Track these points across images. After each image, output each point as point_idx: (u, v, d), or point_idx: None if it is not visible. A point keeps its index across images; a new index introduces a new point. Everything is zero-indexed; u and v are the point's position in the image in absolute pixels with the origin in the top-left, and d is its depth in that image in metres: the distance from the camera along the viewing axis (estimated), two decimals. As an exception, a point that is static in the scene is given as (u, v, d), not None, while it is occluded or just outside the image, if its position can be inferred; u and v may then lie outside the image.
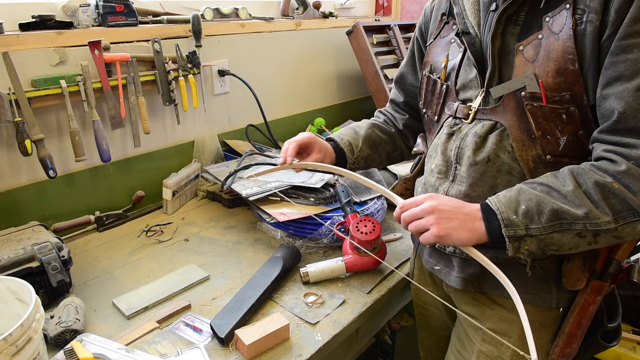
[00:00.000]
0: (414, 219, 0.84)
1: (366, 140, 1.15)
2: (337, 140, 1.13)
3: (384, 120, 1.23)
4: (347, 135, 1.15)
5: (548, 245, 0.76)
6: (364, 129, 1.17)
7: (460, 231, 0.80)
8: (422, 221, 0.83)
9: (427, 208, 0.82)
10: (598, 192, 0.73)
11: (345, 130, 1.17)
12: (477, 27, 0.90)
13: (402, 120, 1.20)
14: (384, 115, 1.24)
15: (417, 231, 0.84)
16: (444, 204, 0.82)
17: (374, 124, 1.20)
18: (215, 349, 0.93)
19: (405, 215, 0.85)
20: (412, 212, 0.84)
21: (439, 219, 0.81)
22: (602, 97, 0.75)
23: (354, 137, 1.15)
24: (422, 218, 0.83)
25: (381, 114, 1.25)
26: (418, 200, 0.85)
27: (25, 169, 1.29)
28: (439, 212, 0.81)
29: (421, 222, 0.83)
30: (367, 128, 1.17)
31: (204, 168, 1.63)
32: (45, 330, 0.91)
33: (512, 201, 0.78)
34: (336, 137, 1.15)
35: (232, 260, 1.24)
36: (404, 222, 0.86)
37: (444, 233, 0.80)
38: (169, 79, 1.46)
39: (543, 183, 0.78)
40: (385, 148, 1.18)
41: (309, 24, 2.01)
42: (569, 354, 0.92)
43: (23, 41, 1.20)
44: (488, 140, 0.86)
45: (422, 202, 0.84)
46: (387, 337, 1.70)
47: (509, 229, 0.77)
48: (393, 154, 1.20)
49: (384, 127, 1.20)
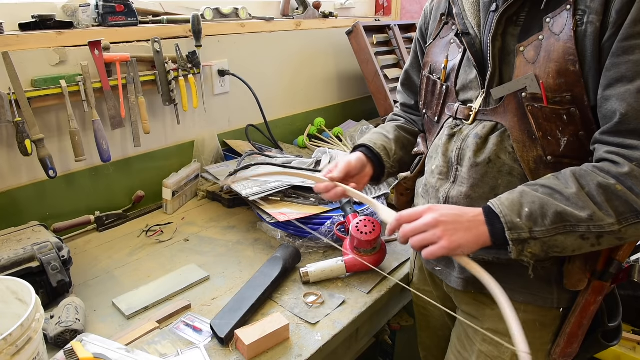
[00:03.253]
0: (416, 233, 0.80)
1: (397, 143, 1.11)
2: (370, 146, 1.08)
3: (406, 121, 1.19)
4: (379, 140, 1.10)
5: (551, 248, 0.76)
6: (392, 132, 1.13)
7: (469, 240, 0.78)
8: (427, 235, 0.79)
9: (431, 221, 0.79)
10: (601, 194, 0.73)
11: (374, 136, 1.12)
12: (477, 27, 0.90)
13: (420, 121, 1.17)
14: (402, 117, 1.20)
15: (422, 245, 0.80)
16: (446, 214, 0.79)
17: (398, 126, 1.16)
18: (215, 349, 0.93)
19: (406, 229, 0.81)
20: (414, 227, 0.81)
21: (445, 232, 0.78)
22: (604, 99, 0.75)
23: (386, 141, 1.10)
24: (425, 232, 0.79)
25: (399, 117, 1.21)
26: (417, 212, 0.82)
27: (25, 169, 1.29)
28: (445, 224, 0.78)
29: (426, 235, 0.79)
30: (395, 131, 1.13)
31: (204, 168, 1.63)
32: (45, 330, 0.91)
33: (515, 204, 0.77)
34: (368, 142, 1.09)
35: (232, 260, 1.24)
36: (404, 236, 0.82)
37: (455, 245, 0.77)
38: (169, 79, 1.46)
39: (545, 185, 0.77)
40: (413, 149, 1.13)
41: (309, 24, 2.01)
42: (570, 353, 0.92)
43: (23, 41, 1.20)
44: (489, 141, 0.86)
45: (422, 214, 0.81)
46: (387, 337, 1.70)
47: (512, 232, 0.75)
48: None
49: (408, 127, 1.16)
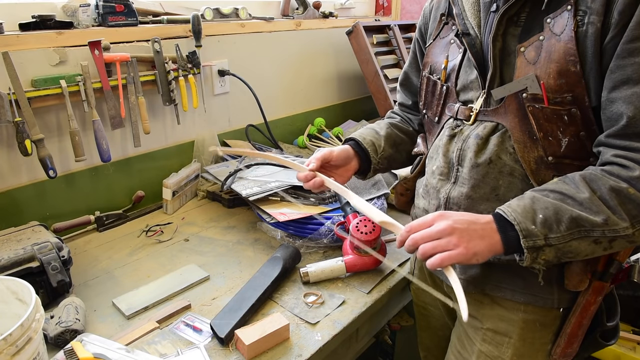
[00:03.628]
0: (428, 240, 0.77)
1: (387, 140, 1.11)
2: (359, 140, 1.08)
3: (401, 119, 1.19)
4: (369, 135, 1.10)
5: (565, 254, 0.75)
6: (384, 128, 1.13)
7: (483, 249, 0.76)
8: (442, 242, 0.76)
9: (446, 228, 0.76)
10: (614, 198, 0.72)
11: (365, 130, 1.13)
12: (477, 28, 0.90)
13: (417, 121, 1.17)
14: (399, 115, 1.21)
15: (435, 253, 0.76)
16: (460, 220, 0.77)
17: (392, 123, 1.16)
18: (215, 349, 0.93)
19: (418, 236, 0.78)
20: (426, 233, 0.78)
21: (461, 239, 0.75)
22: (609, 101, 0.75)
23: (376, 137, 1.10)
24: (439, 239, 0.77)
25: (396, 114, 1.22)
26: (427, 220, 0.79)
27: (25, 169, 1.29)
28: (460, 231, 0.76)
29: (441, 242, 0.76)
30: (387, 128, 1.14)
31: (204, 168, 1.63)
32: (45, 330, 0.91)
33: (528, 210, 0.75)
34: (358, 136, 1.10)
35: (232, 260, 1.24)
36: (415, 244, 0.78)
37: (472, 253, 0.75)
38: (169, 79, 1.46)
39: (555, 190, 0.76)
40: (405, 148, 1.14)
41: (309, 24, 2.01)
42: (570, 353, 0.92)
43: (23, 41, 1.20)
44: (490, 141, 0.86)
45: (433, 222, 0.78)
46: (387, 337, 1.70)
47: (527, 240, 0.73)
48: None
49: (402, 126, 1.16)
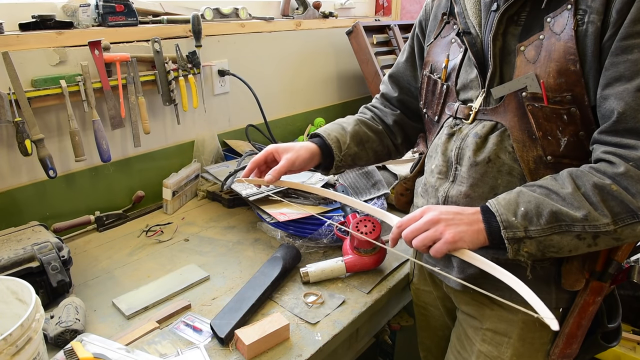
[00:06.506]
0: (418, 232, 0.81)
1: (354, 137, 1.09)
2: (324, 136, 1.07)
3: (371, 117, 1.18)
4: (334, 131, 1.09)
5: (547, 248, 0.76)
6: (351, 125, 1.12)
7: (470, 234, 0.79)
8: (430, 232, 0.80)
9: (433, 218, 0.80)
10: (597, 194, 0.73)
11: (331, 126, 1.12)
12: (478, 27, 0.90)
13: (392, 116, 1.16)
14: (370, 112, 1.19)
15: (425, 244, 0.80)
16: (445, 211, 0.81)
17: (360, 120, 1.15)
18: (215, 349, 0.93)
19: (408, 231, 0.82)
20: (415, 227, 0.82)
21: (447, 226, 0.79)
22: (603, 98, 0.75)
23: (342, 133, 1.09)
24: (427, 230, 0.80)
25: (368, 110, 1.20)
26: (416, 215, 0.83)
27: (25, 169, 1.29)
28: (445, 220, 0.80)
29: (429, 233, 0.80)
30: (354, 124, 1.12)
31: (204, 168, 1.63)
32: (45, 330, 0.91)
33: (512, 203, 0.77)
34: (322, 132, 1.09)
35: (232, 260, 1.24)
36: (407, 239, 0.83)
37: (458, 237, 0.78)
38: (169, 79, 1.46)
39: (542, 185, 0.78)
40: (372, 146, 1.13)
41: (309, 24, 2.01)
42: (569, 354, 0.92)
43: (23, 41, 1.20)
44: (489, 140, 0.86)
45: (421, 215, 0.82)
46: (387, 337, 1.70)
47: (507, 231, 0.76)
48: (380, 152, 1.15)
49: (371, 124, 1.15)
